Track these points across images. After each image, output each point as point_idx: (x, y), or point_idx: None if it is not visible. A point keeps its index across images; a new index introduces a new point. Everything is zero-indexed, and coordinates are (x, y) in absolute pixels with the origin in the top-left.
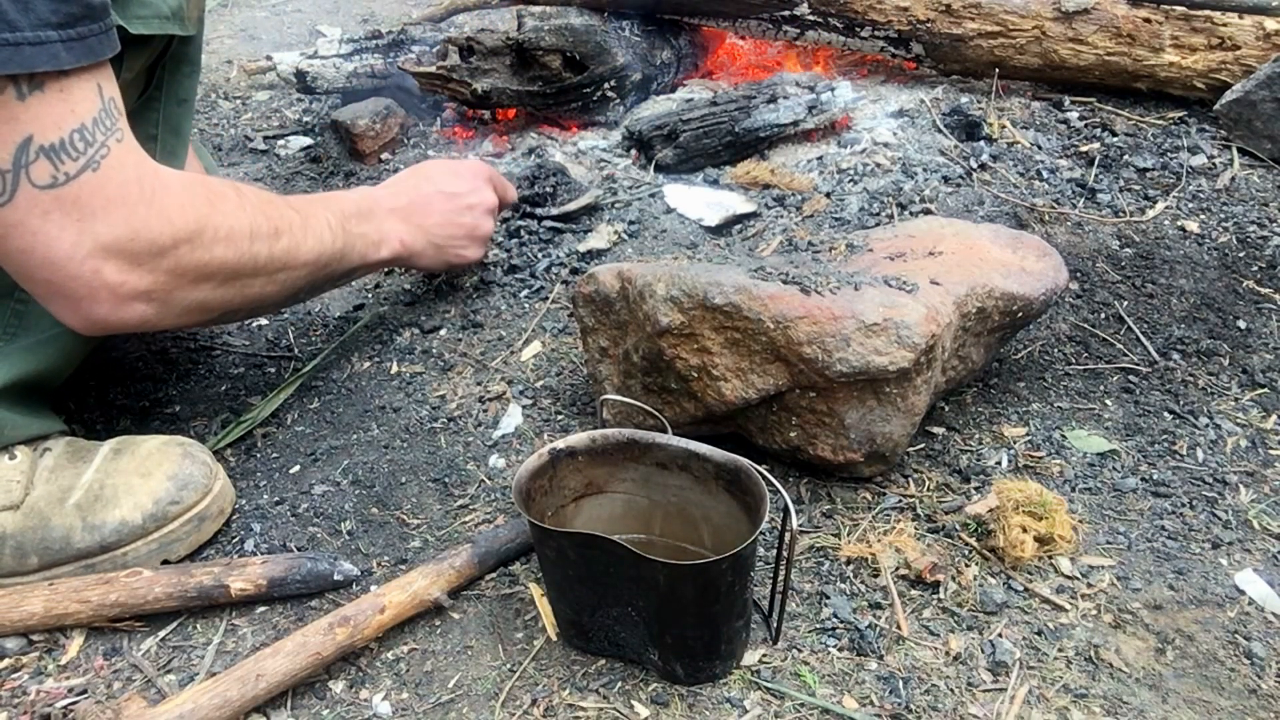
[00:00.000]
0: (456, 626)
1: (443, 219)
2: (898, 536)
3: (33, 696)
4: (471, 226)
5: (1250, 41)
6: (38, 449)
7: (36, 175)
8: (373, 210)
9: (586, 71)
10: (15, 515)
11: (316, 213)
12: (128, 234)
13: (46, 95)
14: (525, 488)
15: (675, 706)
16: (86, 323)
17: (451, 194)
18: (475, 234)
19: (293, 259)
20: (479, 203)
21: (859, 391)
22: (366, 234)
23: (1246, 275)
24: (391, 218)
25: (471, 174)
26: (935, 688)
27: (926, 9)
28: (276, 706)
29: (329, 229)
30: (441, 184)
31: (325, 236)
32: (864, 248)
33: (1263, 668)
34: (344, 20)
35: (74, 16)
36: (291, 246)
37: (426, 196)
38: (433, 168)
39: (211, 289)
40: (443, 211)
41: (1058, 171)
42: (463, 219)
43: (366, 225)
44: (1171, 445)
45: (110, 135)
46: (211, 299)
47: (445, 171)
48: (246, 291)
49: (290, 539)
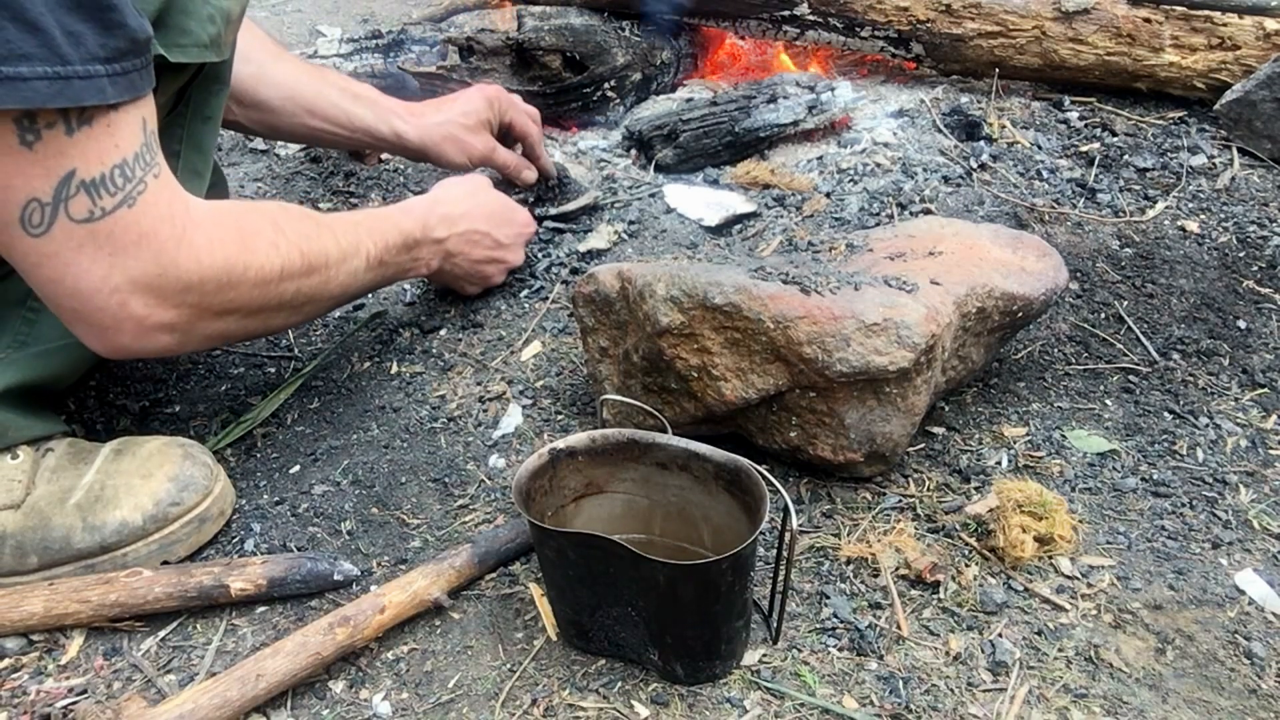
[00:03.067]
0: (456, 626)
1: (473, 263)
2: (898, 536)
3: (33, 696)
4: (488, 277)
5: (1250, 41)
6: (40, 449)
7: (75, 210)
8: (421, 242)
9: (586, 71)
10: (16, 514)
11: (359, 246)
12: (156, 271)
13: (94, 130)
14: (525, 488)
15: (675, 706)
16: (109, 349)
17: (497, 243)
18: (488, 281)
19: (321, 294)
20: (508, 262)
21: (859, 391)
22: (403, 264)
23: (1246, 275)
24: (435, 249)
25: (520, 230)
26: (935, 688)
27: (926, 9)
28: (276, 706)
29: (366, 263)
30: (495, 228)
31: (359, 271)
32: (864, 248)
33: (1263, 668)
34: (344, 20)
35: (121, 51)
36: (323, 283)
37: (477, 236)
38: (498, 206)
39: (235, 322)
40: (480, 257)
41: (1058, 171)
42: (488, 269)
43: (406, 256)
44: (1171, 445)
45: (149, 171)
46: (233, 330)
47: (503, 216)
48: (270, 323)
49: (290, 539)
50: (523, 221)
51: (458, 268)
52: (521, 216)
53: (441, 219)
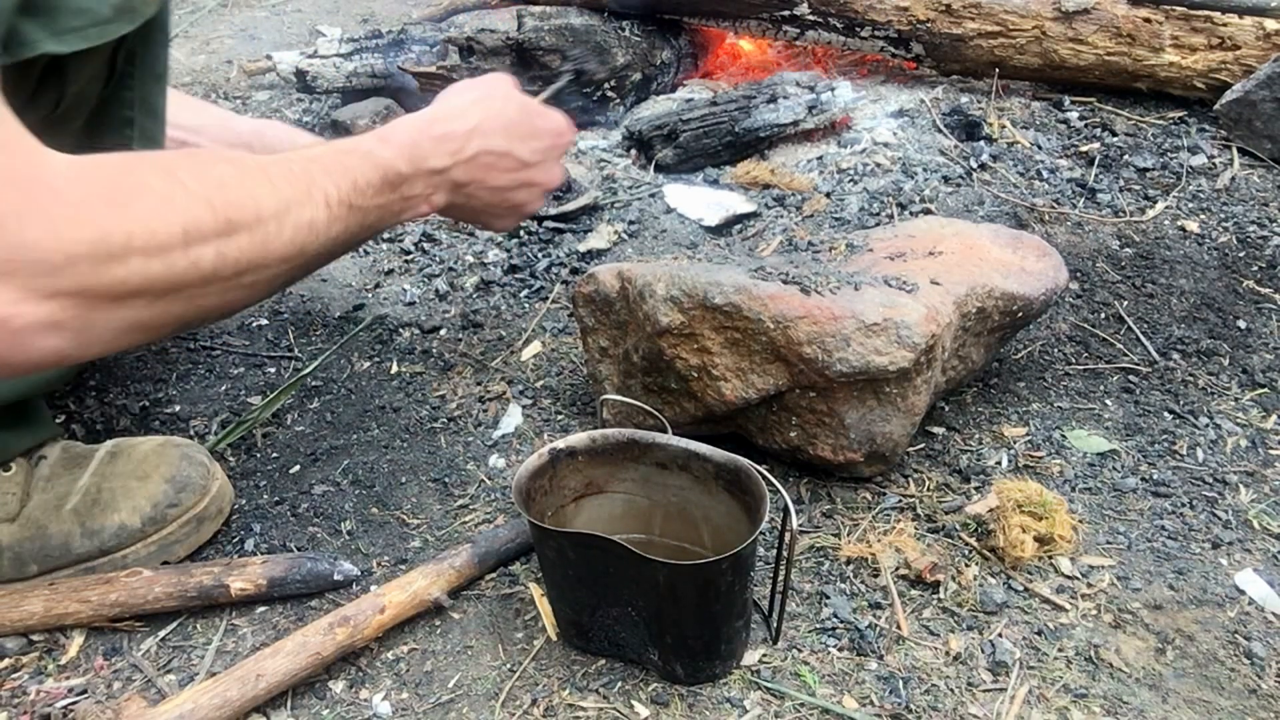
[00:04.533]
0: (456, 626)
1: (494, 191)
2: (898, 536)
3: (33, 696)
4: (519, 206)
5: (1250, 41)
6: (33, 458)
7: None
8: (409, 177)
9: (586, 71)
10: (12, 527)
11: (312, 189)
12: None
13: None
14: (525, 488)
15: (675, 706)
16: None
17: (521, 162)
18: (520, 211)
19: (262, 257)
20: (542, 182)
21: (859, 391)
22: (390, 205)
23: (1246, 275)
24: (433, 183)
25: (551, 141)
26: (935, 688)
27: (926, 9)
28: (276, 706)
29: (328, 211)
30: (517, 143)
31: (318, 223)
32: (864, 248)
33: (1263, 668)
34: (344, 20)
35: None
36: (260, 244)
37: (491, 158)
38: (517, 113)
39: (144, 307)
40: (502, 183)
41: (1058, 171)
42: (516, 195)
43: (393, 195)
44: (1171, 445)
45: None
46: (148, 318)
47: (526, 126)
48: (200, 303)
49: (290, 539)
50: (553, 129)
51: (475, 199)
52: (550, 122)
53: (439, 142)
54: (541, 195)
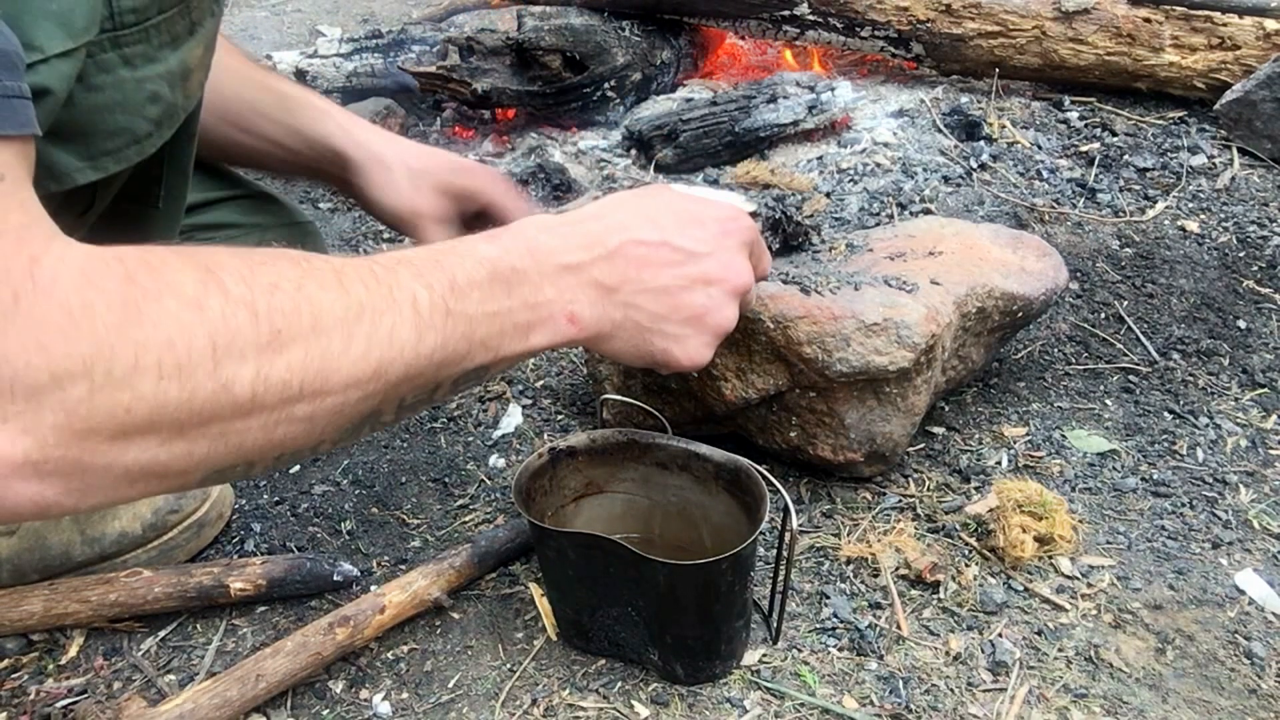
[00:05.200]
0: (456, 626)
1: (659, 291)
2: (898, 536)
3: (33, 696)
4: (702, 311)
5: (1250, 41)
6: None
7: None
8: (528, 272)
9: (586, 71)
10: (11, 540)
11: (396, 291)
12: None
13: None
14: (525, 488)
15: (675, 706)
16: None
17: (685, 251)
18: (704, 322)
19: (319, 380)
20: (723, 277)
21: (859, 391)
22: (505, 314)
23: (1246, 275)
24: (566, 278)
25: (721, 229)
26: (935, 688)
27: (926, 9)
28: (276, 706)
29: (415, 319)
30: (671, 232)
31: (401, 330)
32: (864, 248)
33: (1263, 668)
34: (344, 20)
35: None
36: (314, 360)
37: (644, 250)
38: (662, 203)
39: (157, 446)
40: (665, 280)
41: (1058, 171)
42: (692, 296)
43: (507, 300)
44: (1171, 445)
45: None
46: (165, 461)
47: (683, 210)
48: (236, 441)
49: (290, 539)
50: (721, 216)
51: (636, 309)
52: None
53: (567, 235)
54: (728, 299)
